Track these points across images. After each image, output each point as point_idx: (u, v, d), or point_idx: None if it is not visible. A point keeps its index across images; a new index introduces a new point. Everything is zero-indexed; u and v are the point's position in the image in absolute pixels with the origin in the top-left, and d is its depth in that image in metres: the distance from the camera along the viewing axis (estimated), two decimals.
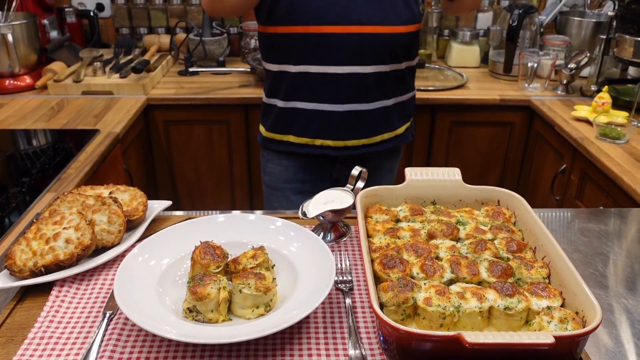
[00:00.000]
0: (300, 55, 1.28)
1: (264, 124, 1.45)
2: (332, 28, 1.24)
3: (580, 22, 2.20)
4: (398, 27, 1.27)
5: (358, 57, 1.26)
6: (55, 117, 1.73)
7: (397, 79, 1.35)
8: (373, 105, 1.33)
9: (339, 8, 1.23)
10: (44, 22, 2.13)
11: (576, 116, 1.75)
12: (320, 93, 1.30)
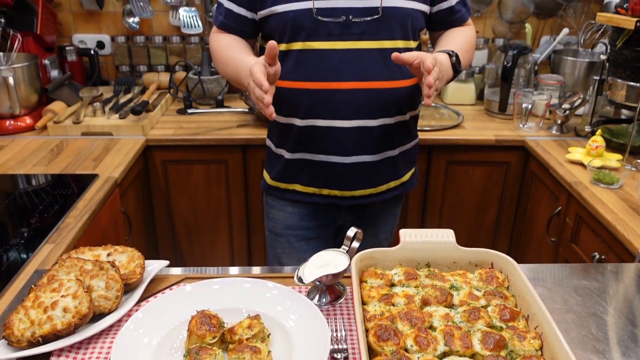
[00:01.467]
0: (307, 110, 1.31)
1: (269, 172, 1.46)
2: (338, 84, 1.27)
3: (573, 62, 2.24)
4: (403, 82, 1.31)
5: (364, 112, 1.29)
6: (54, 160, 1.75)
7: (402, 130, 1.38)
8: (379, 156, 1.35)
9: (346, 65, 1.26)
10: (45, 63, 2.16)
11: (570, 159, 1.77)
12: (327, 146, 1.33)
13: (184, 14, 2.34)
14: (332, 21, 1.25)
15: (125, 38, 2.41)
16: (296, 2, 1.25)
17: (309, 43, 1.27)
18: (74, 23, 2.42)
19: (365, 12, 1.26)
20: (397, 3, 1.28)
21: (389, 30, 1.28)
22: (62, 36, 2.42)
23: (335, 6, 1.25)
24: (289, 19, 1.27)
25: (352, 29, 1.26)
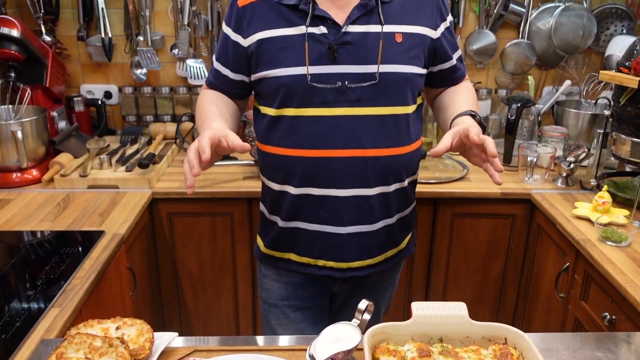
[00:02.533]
0: (301, 178, 1.27)
1: (263, 239, 1.43)
2: (334, 152, 1.24)
3: (577, 114, 2.26)
4: (401, 149, 1.29)
5: (361, 181, 1.26)
6: (61, 215, 1.75)
7: (401, 197, 1.35)
8: (377, 225, 1.32)
9: (341, 133, 1.23)
10: (53, 115, 2.18)
11: (577, 214, 1.77)
12: (322, 215, 1.29)
13: (191, 65, 2.38)
14: (326, 87, 1.22)
15: (133, 88, 2.45)
16: (290, 67, 1.23)
17: (303, 109, 1.24)
18: (83, 74, 2.46)
19: (361, 77, 1.23)
20: (395, 68, 1.24)
21: (387, 96, 1.25)
22: (71, 86, 2.45)
23: (330, 72, 1.22)
24: (282, 84, 1.24)
25: (348, 95, 1.23)
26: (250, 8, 1.27)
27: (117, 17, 2.37)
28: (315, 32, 1.22)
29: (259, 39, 1.25)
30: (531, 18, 2.36)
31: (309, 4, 1.22)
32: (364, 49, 1.23)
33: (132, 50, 2.40)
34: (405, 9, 1.27)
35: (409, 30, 1.26)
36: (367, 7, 1.23)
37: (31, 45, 2.06)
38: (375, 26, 1.24)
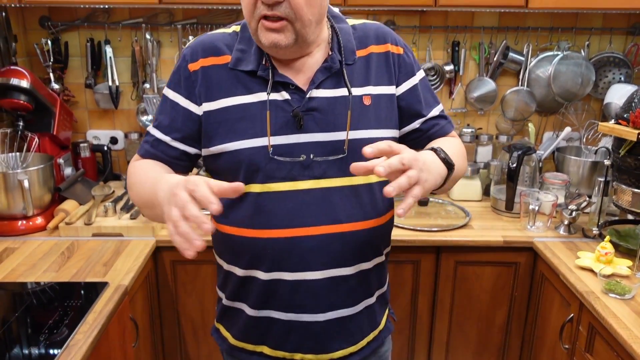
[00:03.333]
0: (271, 262, 1.14)
1: (229, 329, 1.27)
2: (306, 230, 1.12)
3: (577, 161, 2.28)
4: (379, 219, 1.19)
5: (338, 260, 1.14)
6: (65, 265, 1.75)
7: (380, 272, 1.25)
8: (358, 307, 1.20)
9: (312, 208, 1.12)
10: (59, 162, 2.21)
11: (580, 265, 1.77)
12: (297, 302, 1.15)
13: None
14: (290, 161, 1.11)
15: (138, 134, 2.48)
16: (251, 139, 1.11)
17: (269, 185, 1.11)
18: (89, 120, 2.50)
19: (328, 148, 1.12)
20: (366, 133, 1.14)
21: None
22: (77, 132, 2.49)
23: (296, 141, 1.11)
24: (242, 158, 1.11)
25: (314, 169, 1.12)
26: (203, 73, 1.14)
27: (124, 65, 2.42)
28: (277, 99, 1.11)
29: (214, 108, 1.13)
30: (530, 66, 2.41)
31: (268, 69, 1.12)
32: (332, 115, 1.13)
33: (138, 97, 2.44)
34: (368, 69, 1.18)
35: (375, 91, 1.18)
36: (331, 70, 1.14)
37: (40, 95, 2.10)
38: (341, 90, 1.14)
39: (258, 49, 1.13)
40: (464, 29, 2.38)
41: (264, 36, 1.05)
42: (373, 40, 1.21)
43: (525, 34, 2.40)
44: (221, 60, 1.14)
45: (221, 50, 1.15)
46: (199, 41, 1.17)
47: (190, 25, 2.34)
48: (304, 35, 1.07)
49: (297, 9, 1.02)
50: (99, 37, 2.37)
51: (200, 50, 1.15)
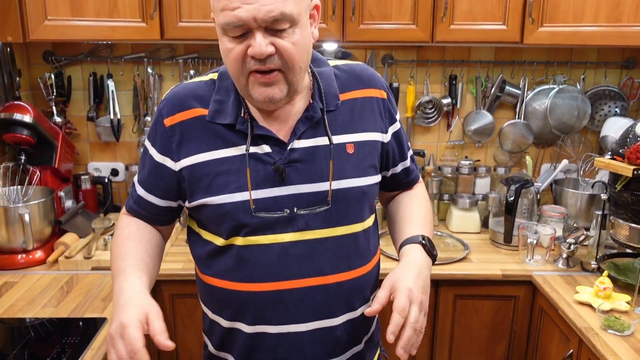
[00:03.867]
0: (255, 315, 1.12)
1: None
2: (289, 283, 1.10)
3: (575, 194, 2.29)
4: (365, 267, 1.17)
5: (323, 311, 1.12)
6: (64, 299, 1.76)
7: (366, 320, 1.21)
8: (345, 356, 1.18)
9: (295, 260, 1.10)
10: (60, 195, 2.22)
11: (579, 300, 1.76)
12: (282, 355, 1.13)
13: None
14: (272, 216, 1.09)
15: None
16: (232, 194, 1.09)
17: (251, 238, 1.10)
18: (91, 152, 2.52)
19: (312, 199, 1.10)
20: (350, 182, 1.13)
21: (343, 217, 1.13)
22: (79, 164, 2.51)
23: (278, 194, 1.09)
24: (224, 212, 1.09)
25: (298, 223, 1.10)
26: (180, 128, 1.11)
27: (126, 99, 2.45)
28: (257, 152, 1.09)
29: (193, 163, 1.10)
30: (527, 99, 2.44)
31: (247, 121, 1.09)
32: (314, 165, 1.11)
33: (139, 130, 2.47)
34: (352, 115, 1.16)
35: (359, 138, 1.16)
36: (312, 119, 1.11)
37: (42, 129, 2.13)
38: (323, 139, 1.12)
39: (236, 99, 1.11)
40: (461, 63, 2.42)
41: (257, 92, 1.04)
42: (358, 84, 1.19)
43: (521, 68, 2.43)
44: (198, 113, 1.11)
45: (197, 102, 1.12)
46: (174, 93, 1.15)
47: (192, 60, 2.38)
48: (295, 84, 1.06)
49: (289, 59, 1.01)
50: (101, 71, 2.41)
51: (176, 104, 1.12)
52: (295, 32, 1.01)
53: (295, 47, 1.01)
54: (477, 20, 2.07)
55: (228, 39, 1.01)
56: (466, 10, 2.06)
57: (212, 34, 2.05)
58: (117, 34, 2.01)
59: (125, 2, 1.99)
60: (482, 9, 2.06)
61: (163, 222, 1.23)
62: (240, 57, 1.01)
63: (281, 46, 1.00)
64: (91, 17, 1.96)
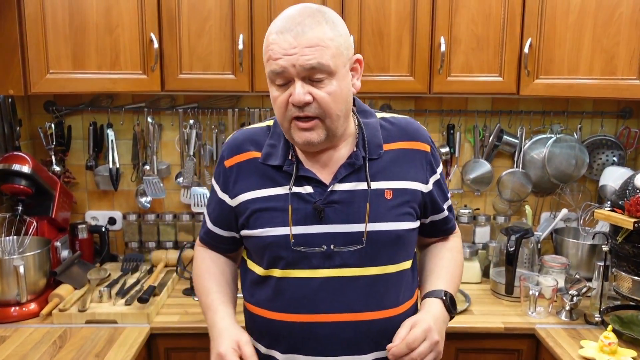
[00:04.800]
0: (288, 345, 1.21)
1: None
2: (321, 317, 1.19)
3: (576, 244, 2.27)
4: (397, 309, 1.23)
5: (353, 347, 1.20)
6: (56, 355, 1.71)
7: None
8: None
9: (329, 296, 1.18)
10: (56, 245, 2.20)
11: (584, 355, 1.72)
12: None
13: (196, 192, 2.43)
14: (311, 251, 1.19)
15: (137, 215, 2.48)
16: (275, 228, 1.21)
17: (289, 271, 1.21)
18: (89, 201, 2.51)
19: (348, 238, 1.19)
20: (385, 226, 1.21)
21: (376, 257, 1.21)
22: (76, 213, 2.50)
23: (316, 232, 1.19)
24: (266, 244, 1.22)
25: (334, 259, 1.19)
26: (237, 168, 1.28)
27: (125, 148, 2.46)
28: (300, 192, 1.21)
29: (244, 199, 1.25)
30: (525, 148, 2.45)
31: (293, 164, 1.22)
32: (352, 207, 1.20)
33: (138, 179, 2.47)
34: (394, 164, 1.25)
35: (399, 185, 1.24)
36: (354, 166, 1.22)
37: (40, 179, 2.12)
38: (362, 184, 1.22)
39: (286, 144, 1.25)
40: (459, 113, 2.44)
41: (297, 135, 1.17)
42: (402, 136, 1.29)
43: (518, 117, 2.45)
44: (252, 156, 1.27)
45: (253, 146, 1.28)
46: (234, 138, 1.32)
47: (192, 110, 2.40)
48: (333, 130, 1.17)
49: (326, 107, 1.13)
50: (101, 120, 2.43)
51: (235, 148, 1.30)
52: (332, 82, 1.13)
53: (331, 96, 1.13)
54: (474, 72, 2.10)
55: (275, 88, 1.17)
56: (462, 62, 2.09)
57: (211, 85, 2.10)
58: (119, 86, 2.03)
59: (127, 54, 2.02)
60: (478, 61, 2.09)
61: (230, 250, 1.39)
62: (283, 104, 1.15)
63: (318, 95, 1.12)
64: (93, 69, 1.99)
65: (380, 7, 2.05)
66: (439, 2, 2.04)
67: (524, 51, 2.04)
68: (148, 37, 2.03)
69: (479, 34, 2.07)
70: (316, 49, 1.10)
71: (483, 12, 2.05)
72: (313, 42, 1.10)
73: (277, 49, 1.12)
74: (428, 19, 2.06)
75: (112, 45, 1.99)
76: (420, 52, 2.08)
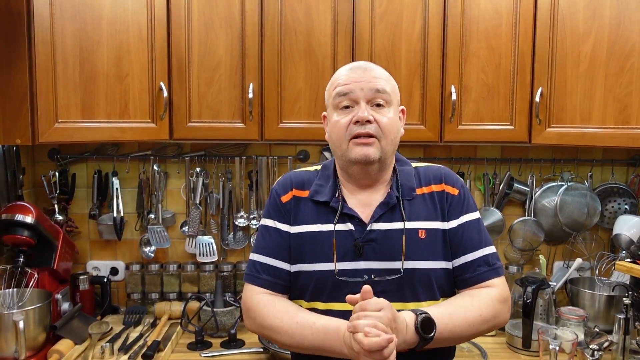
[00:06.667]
0: None
1: None
2: None
3: (592, 295, 2.22)
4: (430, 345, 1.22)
5: None
6: None
7: None
8: None
9: None
10: (57, 297, 2.12)
11: None
12: None
13: (202, 242, 2.38)
14: (353, 281, 1.28)
15: (140, 265, 2.42)
16: (320, 263, 1.31)
17: (331, 304, 1.30)
18: (91, 251, 2.45)
19: (387, 272, 1.29)
20: (419, 264, 1.30)
21: (413, 290, 1.30)
22: (77, 263, 2.43)
23: (356, 267, 1.30)
24: (313, 279, 1.31)
25: (374, 288, 1.21)
26: (293, 202, 1.39)
27: (130, 196, 2.41)
28: (342, 229, 1.32)
29: (297, 231, 1.35)
30: (536, 196, 2.42)
31: (339, 201, 1.34)
32: (388, 246, 1.30)
33: (142, 228, 2.41)
34: (426, 205, 1.36)
35: (432, 225, 1.34)
36: (389, 205, 1.33)
37: (43, 229, 2.06)
38: (398, 223, 1.32)
39: (333, 184, 1.38)
40: (468, 161, 2.42)
41: (356, 151, 1.29)
42: (433, 180, 1.39)
43: (528, 165, 2.43)
44: (304, 194, 1.39)
45: (302, 185, 1.40)
46: (285, 178, 1.44)
47: (198, 157, 2.37)
48: (386, 153, 1.32)
49: (384, 129, 1.29)
50: (106, 168, 2.39)
51: (289, 185, 1.41)
52: (390, 111, 1.32)
53: (389, 121, 1.31)
54: (485, 120, 2.09)
55: (337, 113, 1.33)
56: (473, 111, 2.08)
57: (220, 134, 2.07)
58: (127, 135, 2.01)
59: (137, 103, 2.00)
60: (489, 110, 2.08)
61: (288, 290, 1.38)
62: (345, 125, 1.30)
63: (378, 118, 1.29)
64: (102, 118, 1.96)
65: (390, 56, 2.05)
66: (449, 51, 2.05)
67: (535, 100, 2.04)
68: (158, 86, 2.02)
69: (489, 82, 2.07)
70: (381, 79, 1.32)
71: (493, 61, 2.06)
72: (379, 74, 1.33)
73: (346, 78, 1.32)
74: (438, 68, 2.06)
75: (121, 93, 1.98)
76: (431, 101, 2.07)
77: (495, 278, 1.35)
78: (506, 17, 2.03)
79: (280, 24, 2.04)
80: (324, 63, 2.04)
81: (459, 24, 2.04)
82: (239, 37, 2.04)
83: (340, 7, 2.03)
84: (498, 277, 1.36)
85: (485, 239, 1.37)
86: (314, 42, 2.04)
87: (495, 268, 1.36)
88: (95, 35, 1.92)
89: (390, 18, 2.03)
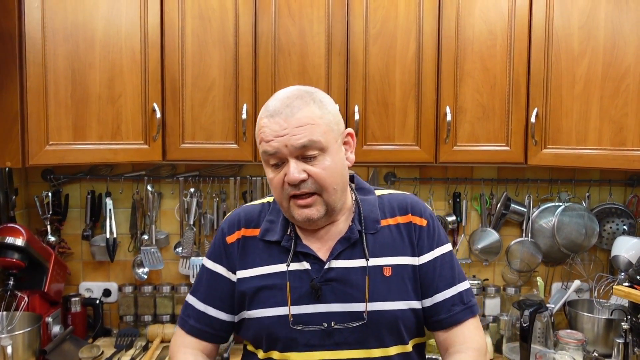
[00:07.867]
0: None
1: None
2: None
3: (591, 318, 2.18)
4: None
5: None
6: None
7: None
8: None
9: None
10: (47, 320, 2.09)
11: None
12: None
13: (195, 263, 2.35)
14: (310, 330, 1.16)
15: (133, 287, 2.39)
16: (272, 308, 1.19)
17: (287, 354, 1.18)
18: (83, 272, 2.43)
19: (348, 317, 1.17)
20: (385, 305, 1.18)
21: (378, 336, 1.18)
22: (70, 284, 2.40)
23: (314, 311, 1.17)
24: (263, 326, 1.20)
25: (334, 337, 1.16)
26: (238, 244, 1.27)
27: (123, 217, 2.39)
28: (298, 269, 1.20)
29: (244, 276, 1.24)
30: (533, 217, 2.39)
31: (292, 239, 1.22)
32: (350, 285, 1.18)
33: (135, 249, 2.39)
34: (391, 239, 1.23)
35: (399, 261, 1.21)
36: (350, 240, 1.21)
37: (34, 252, 2.04)
38: (360, 260, 1.20)
39: (284, 219, 1.24)
40: (464, 181, 2.40)
41: (297, 213, 1.17)
42: (399, 211, 1.27)
43: (525, 186, 2.41)
44: (253, 232, 1.26)
45: (252, 223, 1.28)
46: (234, 215, 1.31)
47: (192, 178, 2.35)
48: (332, 204, 1.18)
49: (322, 182, 1.15)
50: (100, 189, 2.37)
51: (236, 223, 1.29)
52: (325, 158, 1.15)
53: (326, 171, 1.14)
54: (480, 141, 2.07)
55: (270, 169, 1.18)
56: (469, 132, 2.07)
57: (214, 155, 2.06)
58: (119, 156, 1.99)
59: (129, 124, 1.99)
60: (485, 131, 2.07)
61: (220, 340, 1.30)
62: (279, 184, 1.16)
63: (312, 172, 1.14)
64: (94, 140, 1.94)
65: (385, 77, 2.04)
66: (444, 72, 2.04)
67: (530, 120, 2.03)
68: (151, 107, 2.01)
69: (484, 103, 2.06)
70: (306, 127, 1.13)
71: (488, 82, 2.05)
72: (302, 121, 1.13)
73: (268, 132, 1.14)
74: (433, 89, 2.05)
75: (114, 115, 1.96)
76: (426, 122, 2.06)
77: (471, 318, 1.26)
78: (501, 38, 2.03)
79: (274, 45, 2.03)
80: (317, 84, 2.02)
81: (454, 44, 2.03)
82: (232, 58, 2.04)
83: (334, 29, 2.02)
84: (473, 316, 1.26)
85: (458, 274, 1.27)
86: (308, 64, 2.03)
87: (470, 306, 1.26)
88: (88, 57, 1.91)
89: (384, 39, 2.03)
